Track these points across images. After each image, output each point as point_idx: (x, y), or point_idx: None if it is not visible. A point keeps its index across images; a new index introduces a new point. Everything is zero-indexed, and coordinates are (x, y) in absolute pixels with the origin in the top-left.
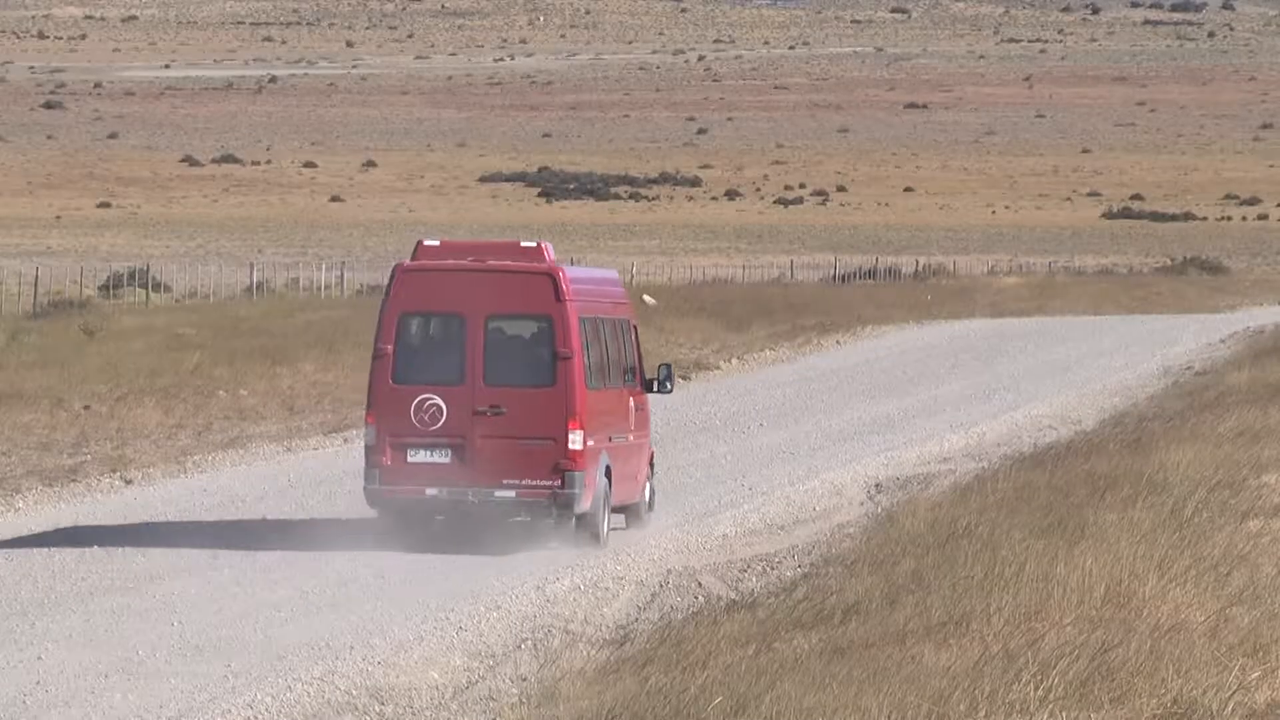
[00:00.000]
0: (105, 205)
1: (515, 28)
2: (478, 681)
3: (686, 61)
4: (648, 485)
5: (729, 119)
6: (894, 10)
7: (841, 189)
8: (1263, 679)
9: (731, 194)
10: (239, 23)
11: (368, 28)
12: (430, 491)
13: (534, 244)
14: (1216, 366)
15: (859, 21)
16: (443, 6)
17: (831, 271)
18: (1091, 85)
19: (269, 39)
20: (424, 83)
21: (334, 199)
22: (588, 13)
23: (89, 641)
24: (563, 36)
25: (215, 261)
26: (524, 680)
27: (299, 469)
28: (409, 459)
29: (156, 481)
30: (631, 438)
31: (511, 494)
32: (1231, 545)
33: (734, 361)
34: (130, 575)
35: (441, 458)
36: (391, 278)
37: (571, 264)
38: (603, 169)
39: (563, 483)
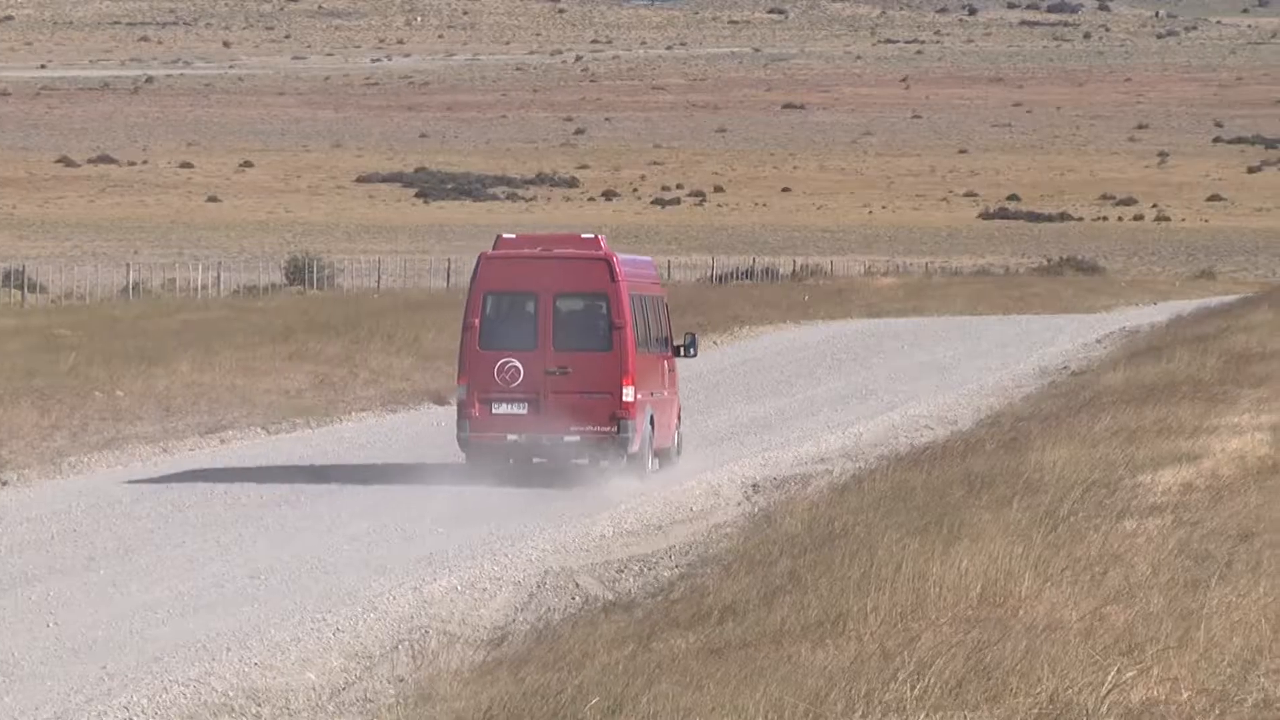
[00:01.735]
0: None
1: (392, 28)
2: (355, 683)
3: (564, 62)
4: (676, 434)
5: (606, 119)
6: (771, 11)
7: (719, 189)
8: (1138, 678)
9: (609, 194)
10: (115, 23)
11: (244, 28)
12: (511, 437)
13: (591, 236)
14: (1092, 367)
15: (736, 22)
16: (320, 7)
17: (709, 272)
18: (968, 86)
19: (145, 39)
20: (301, 83)
21: (210, 199)
22: (465, 13)
23: None
24: (440, 37)
25: (91, 262)
26: (401, 681)
27: (175, 470)
28: (493, 411)
29: (32, 483)
30: (666, 393)
31: (577, 438)
32: (1107, 545)
33: None
34: (5, 577)
35: (520, 410)
36: (477, 265)
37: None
38: (480, 169)
39: (618, 429)
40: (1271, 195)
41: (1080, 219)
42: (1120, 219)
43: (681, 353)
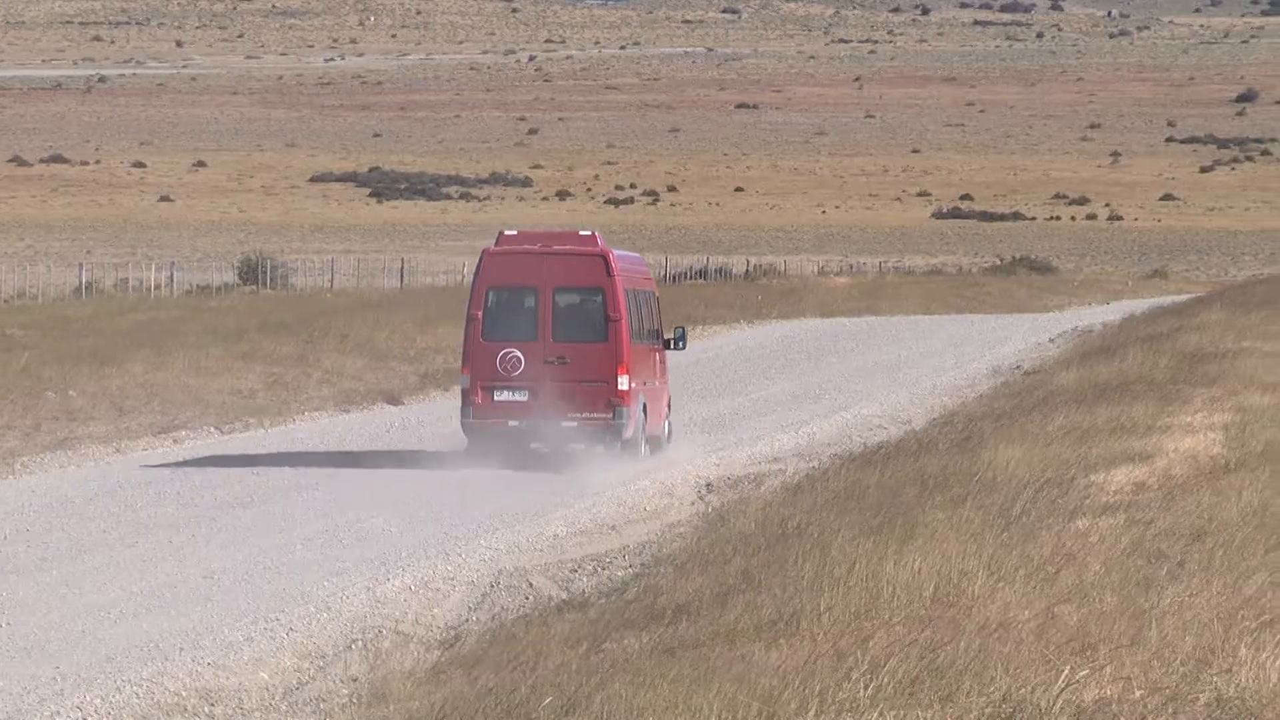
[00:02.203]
0: None
1: (345, 28)
2: (308, 682)
3: (517, 62)
4: (666, 422)
5: (560, 119)
6: (725, 11)
7: (672, 189)
8: (1090, 677)
9: (562, 194)
10: (67, 22)
11: (198, 27)
12: (512, 423)
13: (589, 233)
14: (1045, 366)
15: (690, 22)
16: (273, 6)
17: (662, 272)
18: (921, 86)
19: (98, 39)
20: (254, 83)
21: (163, 199)
22: (418, 13)
23: None
24: (393, 36)
25: (44, 262)
26: (354, 681)
27: (128, 470)
28: (495, 398)
29: None
30: (657, 383)
31: (574, 424)
32: (1059, 544)
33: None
34: None
35: (520, 397)
36: (480, 260)
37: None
38: (434, 169)
39: (613, 415)
40: (1224, 195)
41: (1033, 218)
42: (1073, 219)
43: (671, 345)
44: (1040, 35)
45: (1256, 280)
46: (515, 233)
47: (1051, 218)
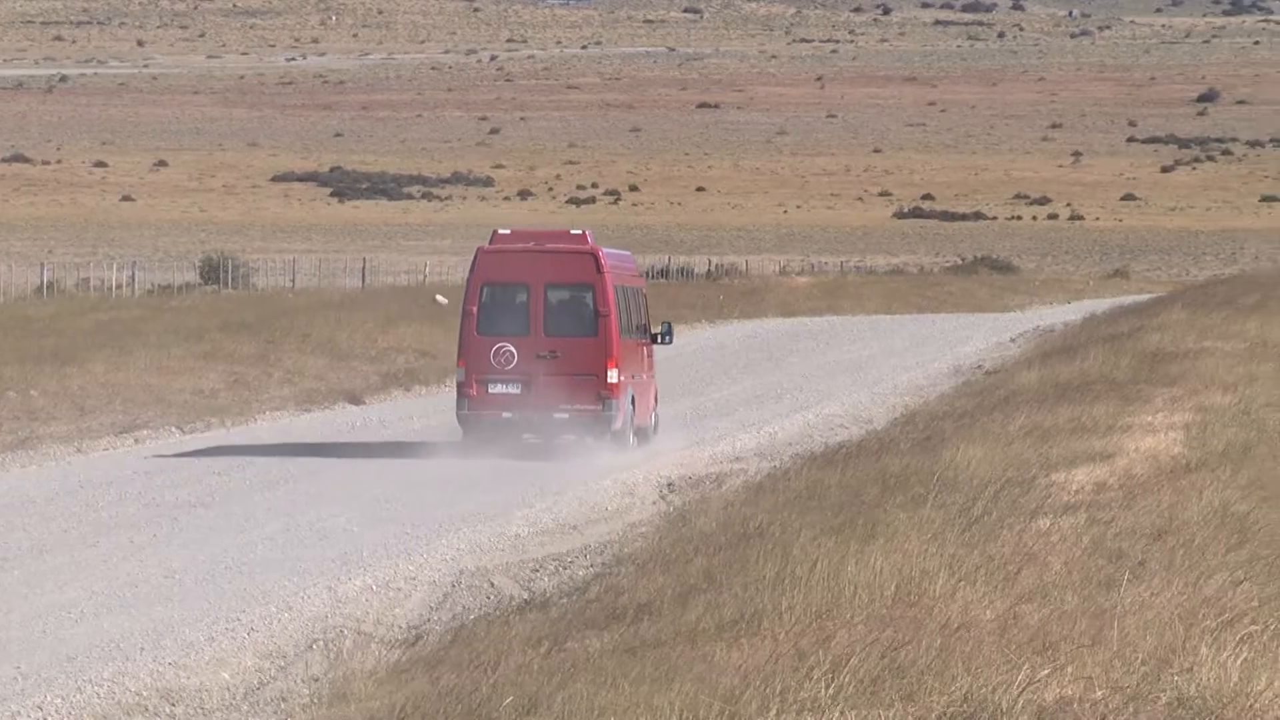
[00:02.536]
0: None
1: (307, 27)
2: (269, 682)
3: (479, 61)
4: (653, 414)
5: (521, 119)
6: (686, 10)
7: (634, 188)
8: (1051, 676)
9: (524, 194)
10: (29, 22)
11: (159, 27)
12: (505, 414)
13: (579, 231)
14: (1006, 366)
15: (651, 21)
16: (234, 6)
17: None
18: (882, 85)
19: (59, 38)
20: (216, 82)
21: (125, 199)
22: (380, 12)
23: None
24: (355, 36)
25: (5, 261)
26: (315, 681)
27: (89, 469)
28: (489, 390)
29: None
30: (645, 377)
31: (565, 415)
32: (1021, 543)
33: None
34: None
35: (513, 389)
36: (475, 258)
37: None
38: (395, 169)
39: (603, 407)
40: (1185, 195)
41: (994, 218)
42: (1034, 218)
43: (658, 340)
44: (1002, 35)
45: (1217, 280)
46: (509, 231)
47: (1013, 217)
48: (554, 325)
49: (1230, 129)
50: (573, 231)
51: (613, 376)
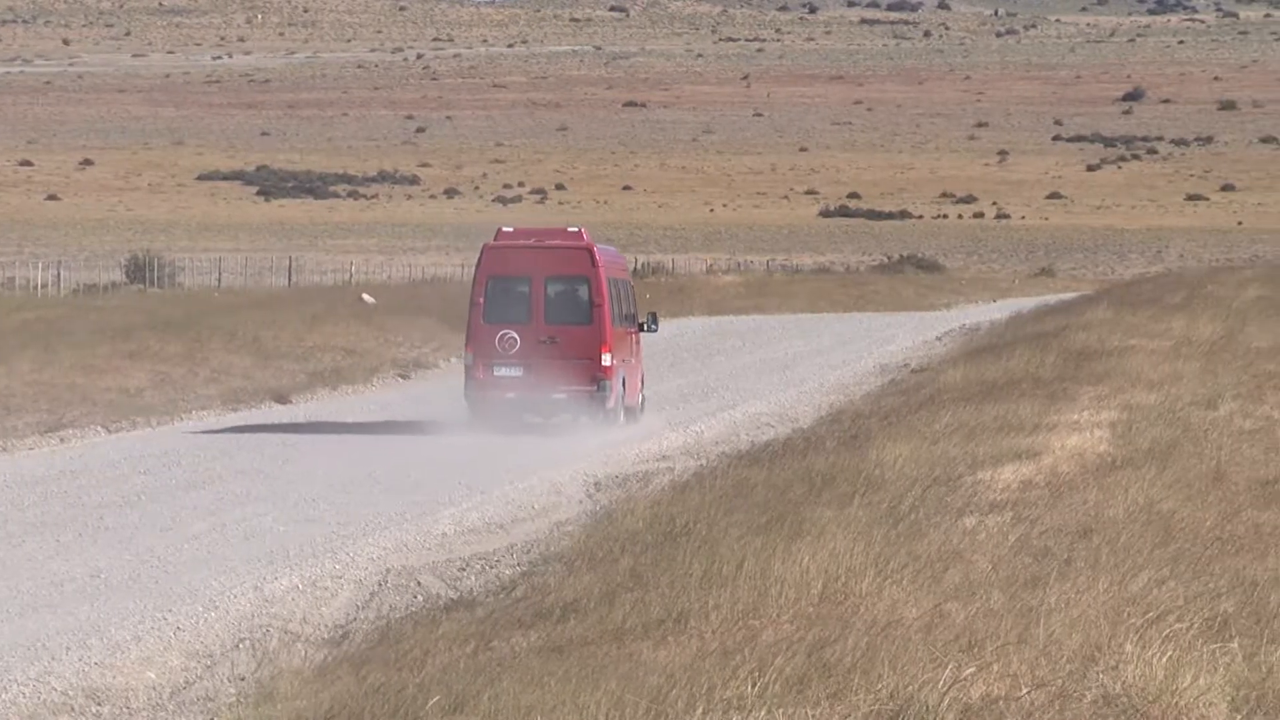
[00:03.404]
0: None
1: (233, 26)
2: (195, 682)
3: (405, 60)
4: (640, 395)
5: (448, 117)
6: (612, 9)
7: (560, 187)
8: (977, 674)
9: (450, 192)
10: None
11: (84, 25)
12: (509, 395)
13: (576, 229)
14: (932, 364)
15: (578, 20)
16: (160, 4)
17: None
18: (808, 84)
19: None
20: (141, 81)
21: (50, 197)
22: (306, 11)
23: None
24: (281, 35)
25: None
26: (242, 680)
27: (14, 469)
28: (495, 373)
29: None
30: (634, 361)
31: (563, 396)
32: (947, 542)
33: (454, 360)
34: None
35: (517, 372)
36: (481, 253)
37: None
38: (321, 167)
39: (597, 388)
40: (1110, 193)
41: (920, 217)
42: (960, 217)
43: (645, 328)
44: (927, 34)
45: (1143, 279)
46: (512, 229)
47: (939, 216)
48: (553, 314)
49: (1155, 128)
50: (570, 229)
51: (606, 360)
